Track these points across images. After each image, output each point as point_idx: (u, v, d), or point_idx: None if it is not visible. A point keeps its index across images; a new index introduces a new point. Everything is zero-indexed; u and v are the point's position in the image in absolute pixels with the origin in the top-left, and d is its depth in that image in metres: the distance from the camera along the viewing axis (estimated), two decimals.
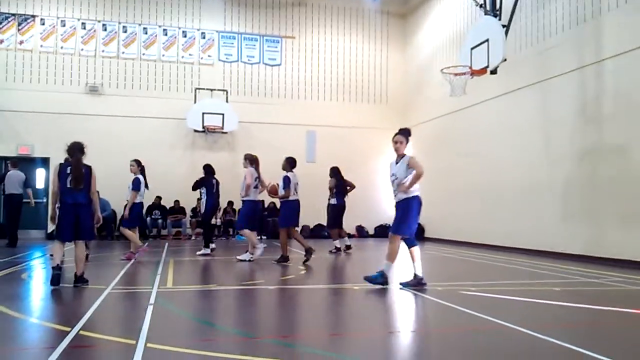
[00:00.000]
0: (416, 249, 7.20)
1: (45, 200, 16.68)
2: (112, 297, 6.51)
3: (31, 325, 5.19)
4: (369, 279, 7.21)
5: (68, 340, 4.31)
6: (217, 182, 12.21)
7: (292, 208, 10.86)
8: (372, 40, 20.04)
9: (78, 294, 6.89)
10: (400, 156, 7.23)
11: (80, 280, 7.24)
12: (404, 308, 6.30)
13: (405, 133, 7.32)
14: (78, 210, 7.23)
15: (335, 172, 13.16)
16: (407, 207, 7.02)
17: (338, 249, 12.76)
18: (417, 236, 7.43)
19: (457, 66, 13.17)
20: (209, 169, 12.21)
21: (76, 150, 7.35)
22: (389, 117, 19.72)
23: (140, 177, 10.71)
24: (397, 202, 7.19)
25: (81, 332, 4.62)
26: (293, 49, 19.35)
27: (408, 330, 5.26)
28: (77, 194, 7.24)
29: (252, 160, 10.90)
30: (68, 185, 7.24)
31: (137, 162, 10.79)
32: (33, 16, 17.33)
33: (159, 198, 17.40)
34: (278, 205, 11.74)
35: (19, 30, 17.20)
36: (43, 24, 17.38)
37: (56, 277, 7.05)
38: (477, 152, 14.87)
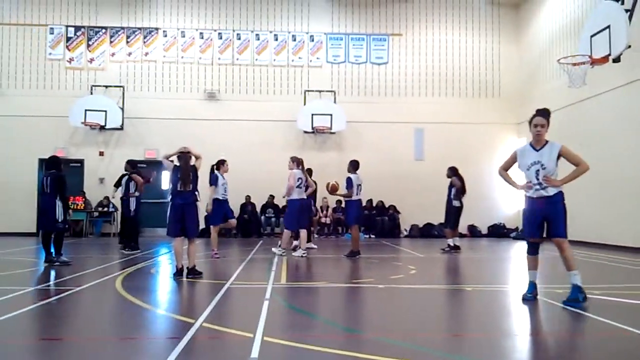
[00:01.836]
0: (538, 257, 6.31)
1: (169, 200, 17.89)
2: (231, 292, 6.87)
3: (159, 316, 5.63)
4: (570, 303, 5.83)
5: (193, 331, 4.63)
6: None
7: (357, 207, 11.35)
8: (482, 33, 19.40)
9: (200, 288, 7.37)
10: (542, 142, 6.10)
11: (192, 272, 7.90)
12: (521, 310, 6.05)
13: (545, 114, 6.19)
14: (185, 209, 8.00)
15: (454, 172, 12.65)
16: (563, 204, 6.03)
17: (452, 247, 12.43)
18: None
19: (576, 55, 12.43)
20: None
21: (184, 156, 8.17)
22: (502, 112, 19.04)
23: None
24: (543, 197, 6.02)
25: (204, 324, 4.95)
26: (400, 46, 19.22)
27: (526, 334, 5.06)
28: (185, 194, 8.04)
29: (298, 162, 11.34)
30: (178, 189, 8.00)
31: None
32: (156, 29, 18.69)
33: (272, 197, 18.04)
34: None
35: (144, 42, 18.62)
36: (165, 36, 18.69)
37: (179, 273, 7.89)
38: (600, 147, 13.91)
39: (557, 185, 6.00)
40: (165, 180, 18.34)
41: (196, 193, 8.29)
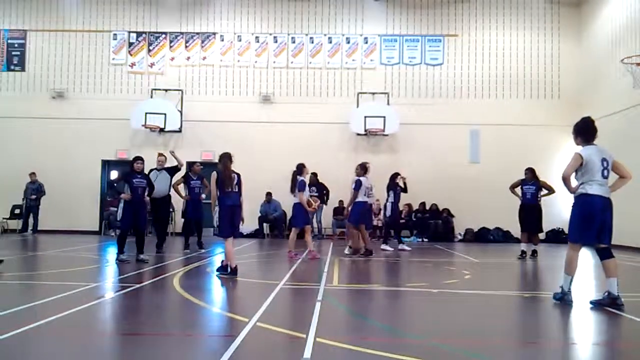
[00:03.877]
0: (609, 262, 6.17)
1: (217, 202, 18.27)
2: (284, 292, 6.96)
3: (215, 314, 5.77)
4: (555, 298, 6.35)
5: (247, 330, 4.73)
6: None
7: (360, 209, 11.57)
8: (542, 33, 18.86)
9: (254, 288, 7.50)
10: None
11: (234, 271, 8.14)
12: (581, 319, 5.86)
13: (573, 128, 6.43)
14: (235, 211, 8.26)
15: (534, 174, 12.12)
16: (572, 210, 6.31)
17: (524, 254, 12.04)
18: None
19: None
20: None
21: (224, 158, 8.32)
22: (561, 114, 18.42)
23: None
24: None
25: (258, 323, 5.04)
26: (456, 47, 18.95)
27: (589, 343, 4.89)
28: (233, 196, 8.25)
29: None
30: (226, 189, 8.19)
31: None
32: (214, 34, 19.14)
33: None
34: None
35: (202, 47, 19.09)
36: (222, 40, 19.12)
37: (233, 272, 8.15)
38: None
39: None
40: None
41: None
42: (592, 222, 6.07)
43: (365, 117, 17.87)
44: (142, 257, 9.83)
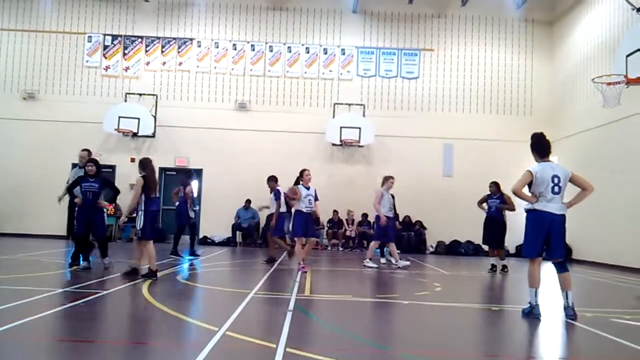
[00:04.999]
0: (562, 276, 6.30)
1: (197, 208, 18.10)
2: (255, 301, 6.90)
3: (184, 323, 5.67)
4: (523, 313, 6.40)
5: (216, 340, 4.67)
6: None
7: (282, 220, 11.82)
8: (515, 50, 19.25)
9: (225, 297, 7.42)
10: None
11: (153, 274, 8.40)
12: (547, 333, 5.94)
13: (530, 145, 6.71)
14: (157, 215, 8.80)
15: (499, 187, 12.09)
16: (525, 225, 6.42)
17: (494, 267, 12.13)
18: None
19: (611, 75, 12.22)
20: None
21: (149, 163, 8.68)
22: (533, 130, 18.35)
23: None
24: None
25: (227, 332, 4.97)
26: (432, 61, 19.20)
27: (554, 357, 4.95)
28: (158, 201, 8.77)
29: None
30: (152, 196, 8.56)
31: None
32: (191, 39, 19.04)
33: None
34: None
35: (178, 52, 18.97)
36: (199, 47, 19.03)
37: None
38: (633, 168, 13.61)
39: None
40: (195, 188, 18.56)
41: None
42: (539, 237, 6.24)
43: (341, 127, 17.94)
44: (105, 261, 9.55)
